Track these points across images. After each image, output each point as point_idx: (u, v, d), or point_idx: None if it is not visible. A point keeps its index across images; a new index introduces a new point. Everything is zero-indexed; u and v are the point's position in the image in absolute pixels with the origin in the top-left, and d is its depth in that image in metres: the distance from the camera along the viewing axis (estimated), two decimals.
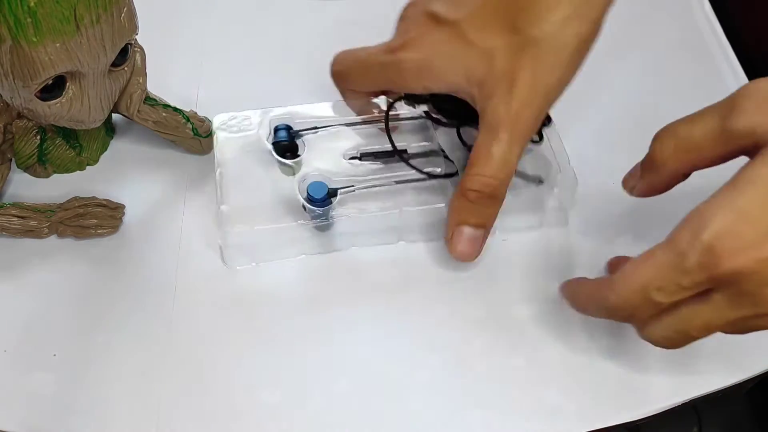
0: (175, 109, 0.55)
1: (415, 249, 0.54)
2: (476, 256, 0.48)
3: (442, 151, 0.54)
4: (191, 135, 0.56)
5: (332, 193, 0.51)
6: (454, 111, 0.52)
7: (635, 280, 0.39)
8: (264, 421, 0.47)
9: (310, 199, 0.51)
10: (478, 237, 0.48)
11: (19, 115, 0.51)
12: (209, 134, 0.57)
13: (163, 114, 0.55)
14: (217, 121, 0.55)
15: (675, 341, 0.41)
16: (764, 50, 0.67)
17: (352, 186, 0.52)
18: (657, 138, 0.42)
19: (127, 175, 0.57)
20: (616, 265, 0.50)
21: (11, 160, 0.54)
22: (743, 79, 0.65)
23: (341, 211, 0.52)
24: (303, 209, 0.51)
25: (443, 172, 0.53)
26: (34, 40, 0.43)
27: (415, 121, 0.56)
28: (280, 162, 0.53)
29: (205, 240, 0.54)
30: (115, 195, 0.55)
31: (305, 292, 0.52)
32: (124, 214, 0.54)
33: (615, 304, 0.41)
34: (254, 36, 0.66)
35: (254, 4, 0.68)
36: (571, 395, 0.48)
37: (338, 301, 0.52)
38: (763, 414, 0.60)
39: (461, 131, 0.53)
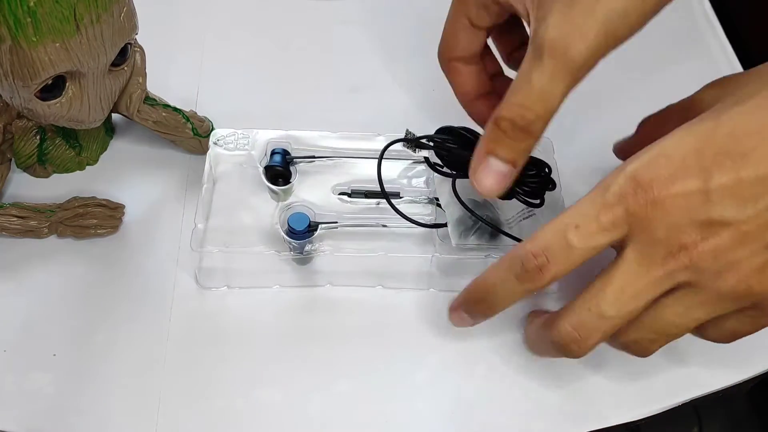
0: (175, 109, 0.55)
1: (394, 296, 0.52)
2: (499, 193, 0.43)
3: (436, 199, 0.52)
4: (191, 135, 0.56)
5: (313, 226, 0.50)
6: (454, 160, 0.50)
7: (555, 222, 0.40)
8: (264, 421, 0.47)
9: (290, 230, 0.49)
10: (505, 173, 0.43)
11: (19, 115, 0.51)
12: (209, 134, 0.57)
13: (163, 114, 0.55)
14: (214, 136, 0.54)
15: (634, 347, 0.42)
16: (764, 48, 0.67)
17: (336, 222, 0.51)
18: None
19: (126, 175, 0.57)
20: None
21: (11, 160, 0.54)
22: None
23: (320, 247, 0.50)
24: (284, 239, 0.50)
25: (432, 222, 0.51)
26: (34, 39, 0.43)
27: (420, 165, 0.55)
28: (268, 187, 0.52)
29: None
30: (115, 195, 0.55)
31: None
32: (123, 214, 0.54)
33: (540, 266, 0.40)
34: (254, 35, 0.66)
35: (254, 3, 0.68)
36: (571, 395, 0.48)
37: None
38: (764, 414, 0.60)
39: (457, 184, 0.51)
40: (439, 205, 0.52)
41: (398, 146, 0.50)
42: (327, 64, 0.64)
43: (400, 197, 0.53)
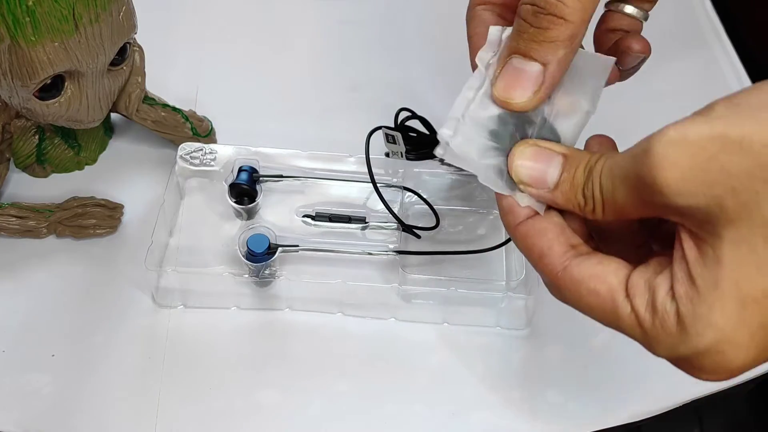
0: (174, 109, 0.55)
1: (354, 324, 0.51)
2: (524, 100, 0.34)
3: (402, 222, 0.51)
4: (190, 134, 0.56)
5: (273, 249, 0.49)
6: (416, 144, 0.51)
7: None
8: (263, 421, 0.47)
9: (249, 252, 0.48)
10: (534, 75, 0.34)
11: (18, 115, 0.51)
12: (208, 133, 0.57)
13: (162, 113, 0.55)
14: (181, 151, 0.53)
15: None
16: (765, 47, 0.67)
17: (297, 246, 0.50)
18: (589, 184, 0.32)
19: (125, 174, 0.56)
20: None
21: (9, 159, 0.54)
22: (743, 75, 0.65)
23: (278, 272, 0.50)
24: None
25: (396, 248, 0.51)
26: (33, 39, 0.42)
27: (389, 189, 0.53)
28: (232, 205, 0.52)
29: None
30: (114, 195, 0.55)
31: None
32: (122, 214, 0.54)
33: None
34: (254, 35, 0.66)
35: (254, 3, 0.68)
36: (571, 395, 0.48)
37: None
38: (764, 415, 0.60)
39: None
40: (406, 230, 0.51)
41: (365, 167, 0.50)
42: (327, 63, 0.64)
43: (366, 223, 0.52)
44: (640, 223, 0.35)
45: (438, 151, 0.35)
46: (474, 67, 0.36)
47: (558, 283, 0.33)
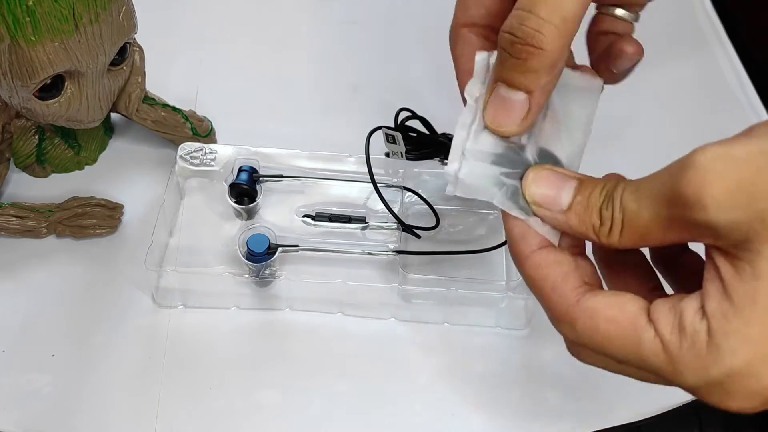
0: (174, 109, 0.55)
1: (354, 324, 0.51)
2: (513, 127, 0.35)
3: (402, 222, 0.51)
4: (190, 134, 0.56)
5: (273, 249, 0.49)
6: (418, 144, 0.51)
7: None
8: (263, 421, 0.47)
9: (249, 252, 0.48)
10: (515, 101, 0.34)
11: (18, 115, 0.51)
12: (208, 133, 0.57)
13: (162, 113, 0.55)
14: (181, 151, 0.53)
15: None
16: (765, 47, 0.67)
17: (297, 246, 0.50)
18: (609, 205, 0.32)
19: (125, 174, 0.56)
20: None
21: (9, 159, 0.54)
22: (743, 75, 0.65)
23: (278, 271, 0.50)
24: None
25: (396, 248, 0.51)
26: (33, 39, 0.42)
27: (389, 189, 0.53)
28: (232, 205, 0.52)
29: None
30: (114, 195, 0.54)
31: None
32: (122, 213, 0.54)
33: None
34: (254, 35, 0.66)
35: (254, 3, 0.68)
36: (571, 395, 0.48)
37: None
38: (764, 415, 0.60)
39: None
40: (406, 230, 0.51)
41: (365, 167, 0.50)
42: (327, 63, 0.64)
43: (366, 223, 0.52)
44: (655, 260, 0.35)
45: (449, 189, 0.36)
46: (463, 95, 0.37)
47: (572, 315, 0.31)
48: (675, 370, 0.29)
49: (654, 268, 0.35)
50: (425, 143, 0.54)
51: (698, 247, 0.31)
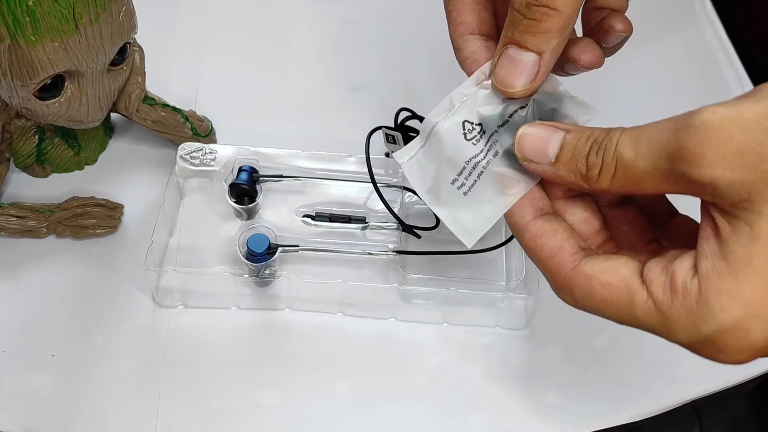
0: (174, 109, 0.55)
1: (354, 324, 0.51)
2: (522, 88, 0.35)
3: (402, 222, 0.51)
4: (190, 134, 0.56)
5: (273, 249, 0.49)
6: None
7: None
8: (263, 421, 0.47)
9: (249, 252, 0.48)
10: (525, 62, 0.35)
11: (18, 115, 0.51)
12: (208, 133, 0.57)
13: (162, 113, 0.55)
14: (181, 151, 0.53)
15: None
16: (765, 47, 0.67)
17: (297, 246, 0.50)
18: (599, 150, 0.32)
19: (125, 174, 0.56)
20: None
21: (10, 159, 0.54)
22: (743, 75, 0.65)
23: (278, 271, 0.50)
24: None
25: (396, 248, 0.51)
26: (33, 39, 0.42)
27: (390, 189, 0.53)
28: (232, 205, 0.52)
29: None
30: (114, 195, 0.55)
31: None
32: (122, 214, 0.54)
33: None
34: (254, 35, 0.66)
35: (254, 3, 0.68)
36: (571, 395, 0.48)
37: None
38: (764, 415, 0.60)
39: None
40: (405, 230, 0.51)
41: (365, 167, 0.50)
42: (327, 63, 0.64)
43: (366, 223, 0.52)
44: (648, 220, 0.35)
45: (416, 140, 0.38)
46: (453, 38, 0.38)
47: (569, 282, 0.32)
48: (668, 328, 0.30)
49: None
50: None
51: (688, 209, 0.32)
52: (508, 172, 0.35)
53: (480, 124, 0.36)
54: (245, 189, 0.52)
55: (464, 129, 0.36)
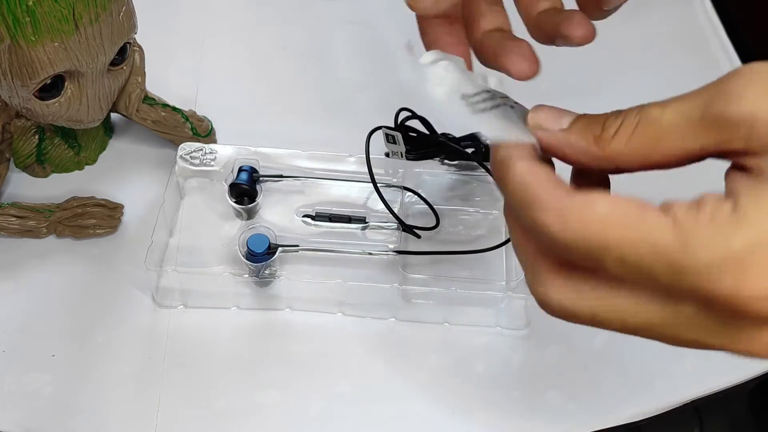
0: (174, 109, 0.55)
1: (354, 324, 0.51)
2: (534, 72, 0.36)
3: (402, 222, 0.51)
4: (190, 134, 0.56)
5: (273, 249, 0.49)
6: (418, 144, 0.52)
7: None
8: (263, 421, 0.47)
9: (249, 252, 0.48)
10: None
11: (18, 115, 0.51)
12: (208, 133, 0.57)
13: (162, 113, 0.55)
14: (181, 151, 0.53)
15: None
16: (765, 47, 0.67)
17: (297, 246, 0.50)
18: (620, 114, 0.30)
19: (125, 174, 0.56)
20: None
21: (9, 159, 0.54)
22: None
23: (278, 271, 0.50)
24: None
25: (396, 248, 0.51)
26: (33, 39, 0.42)
27: (389, 189, 0.53)
28: (232, 205, 0.52)
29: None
30: (114, 195, 0.54)
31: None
32: (122, 214, 0.54)
33: None
34: (253, 35, 0.66)
35: (254, 3, 0.68)
36: (571, 395, 0.48)
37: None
38: (764, 415, 0.60)
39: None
40: (405, 230, 0.51)
41: (365, 167, 0.50)
42: (327, 63, 0.64)
43: (366, 223, 0.52)
44: None
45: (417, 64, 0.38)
46: (418, 19, 0.40)
47: (564, 206, 0.27)
48: (686, 245, 0.25)
49: None
50: (425, 143, 0.54)
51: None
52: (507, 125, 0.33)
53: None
54: (245, 189, 0.52)
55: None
